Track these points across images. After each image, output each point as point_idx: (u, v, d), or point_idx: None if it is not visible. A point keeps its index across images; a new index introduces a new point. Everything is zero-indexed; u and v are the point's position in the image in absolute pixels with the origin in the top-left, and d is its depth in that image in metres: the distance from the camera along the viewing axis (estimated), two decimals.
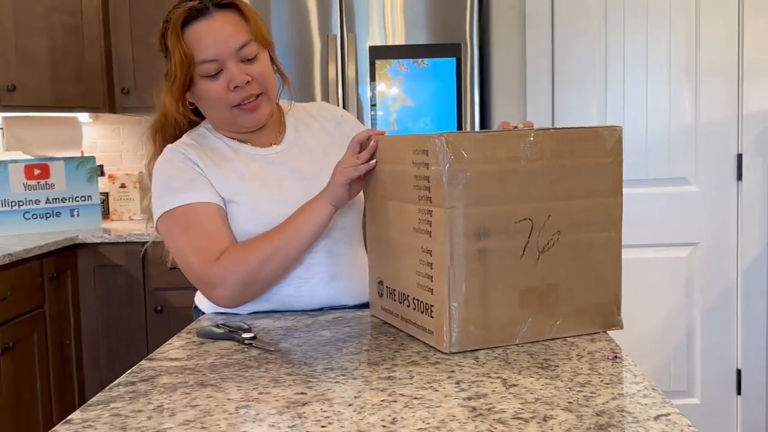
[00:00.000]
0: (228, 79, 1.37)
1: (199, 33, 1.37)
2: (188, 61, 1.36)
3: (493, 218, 1.13)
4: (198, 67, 1.36)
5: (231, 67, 1.37)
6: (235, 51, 1.38)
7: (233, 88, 1.37)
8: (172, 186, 1.39)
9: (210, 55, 1.36)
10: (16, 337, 2.55)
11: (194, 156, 1.42)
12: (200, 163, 1.41)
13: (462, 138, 1.11)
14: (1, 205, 3.06)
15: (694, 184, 2.81)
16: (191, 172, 1.40)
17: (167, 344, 1.25)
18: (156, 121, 1.52)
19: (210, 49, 1.36)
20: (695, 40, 2.75)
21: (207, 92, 1.39)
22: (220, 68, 1.37)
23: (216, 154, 1.44)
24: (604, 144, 1.22)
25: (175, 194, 1.39)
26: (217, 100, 1.39)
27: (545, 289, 1.19)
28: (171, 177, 1.40)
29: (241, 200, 1.41)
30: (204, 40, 1.36)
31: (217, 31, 1.37)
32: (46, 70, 3.10)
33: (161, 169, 1.42)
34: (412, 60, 2.72)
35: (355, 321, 1.36)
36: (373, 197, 1.35)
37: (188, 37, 1.37)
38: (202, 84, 1.38)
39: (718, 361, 2.85)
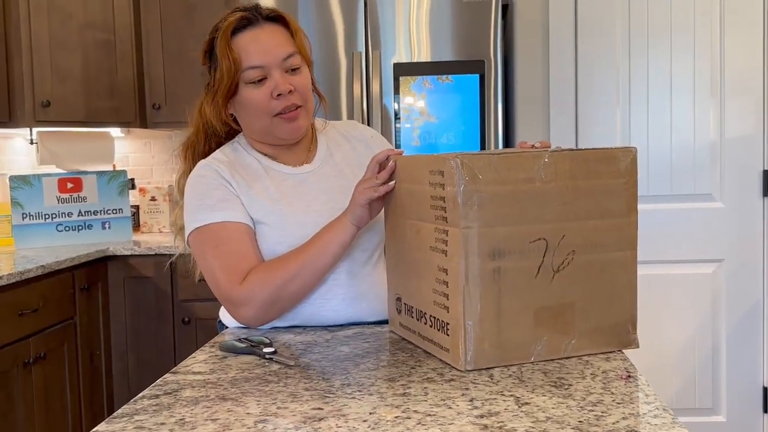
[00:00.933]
0: (272, 86, 1.41)
1: (247, 40, 1.42)
2: (235, 67, 1.40)
3: (507, 238, 1.16)
4: (244, 73, 1.41)
5: (275, 75, 1.42)
6: (280, 60, 1.42)
7: (276, 96, 1.41)
8: (205, 203, 1.43)
9: (256, 62, 1.41)
10: (47, 347, 2.61)
11: (227, 174, 1.45)
12: (233, 182, 1.45)
13: (477, 159, 1.13)
14: (35, 218, 3.14)
15: (719, 201, 2.80)
16: (224, 190, 1.44)
17: (191, 357, 1.28)
18: (188, 139, 1.57)
19: (257, 56, 1.41)
20: (720, 56, 2.75)
21: (250, 99, 1.42)
22: (264, 76, 1.41)
23: (248, 172, 1.48)
24: (619, 165, 1.24)
25: (207, 211, 1.43)
26: (259, 108, 1.42)
27: (560, 308, 1.21)
28: (204, 194, 1.44)
29: (270, 222, 1.44)
30: (251, 47, 1.41)
31: (264, 40, 1.42)
32: (79, 85, 3.18)
33: (194, 184, 1.46)
34: (436, 76, 2.75)
35: (374, 337, 1.39)
36: (392, 215, 1.38)
37: (236, 44, 1.41)
38: (246, 91, 1.42)
39: (744, 379, 2.83)
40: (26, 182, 3.13)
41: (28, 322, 2.50)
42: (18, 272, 2.43)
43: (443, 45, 2.76)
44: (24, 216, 3.12)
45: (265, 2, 2.84)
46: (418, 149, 2.77)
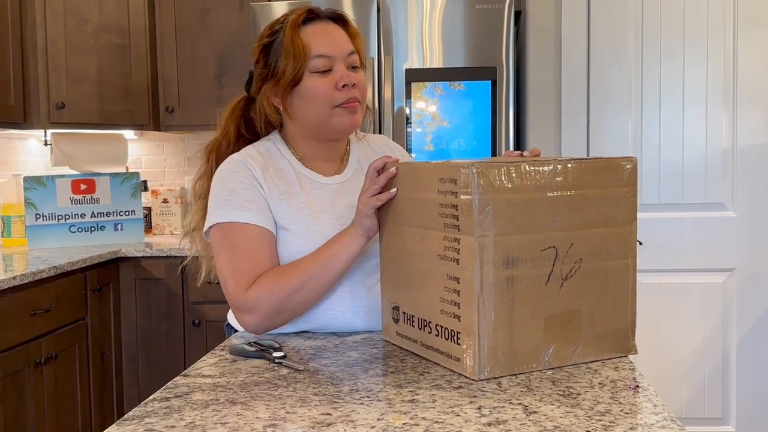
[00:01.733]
0: (337, 77, 1.43)
1: (315, 31, 1.44)
2: (304, 54, 1.41)
3: (520, 247, 1.16)
4: (311, 62, 1.42)
5: (341, 66, 1.44)
6: (345, 54, 1.45)
7: (341, 87, 1.43)
8: (232, 200, 1.44)
9: (324, 51, 1.43)
10: (59, 348, 2.63)
11: (259, 175, 1.46)
12: (264, 184, 1.46)
13: (492, 168, 1.14)
14: (48, 219, 3.17)
15: (730, 210, 2.79)
16: (253, 190, 1.45)
17: (201, 361, 1.29)
18: (213, 141, 1.57)
19: (325, 45, 1.43)
20: (733, 64, 2.74)
21: (314, 88, 1.43)
22: (329, 66, 1.43)
23: (279, 176, 1.49)
24: (622, 174, 1.25)
25: (233, 209, 1.43)
26: (323, 97, 1.43)
27: (568, 315, 1.22)
28: (233, 190, 1.45)
29: (294, 229, 1.45)
30: (320, 37, 1.44)
31: (332, 33, 1.46)
32: (94, 88, 3.21)
33: (224, 179, 1.47)
34: (448, 82, 2.76)
35: (383, 343, 1.39)
36: (389, 224, 1.37)
37: (305, 33, 1.44)
38: (311, 80, 1.43)
39: (754, 389, 2.82)
40: (40, 183, 3.16)
41: (40, 322, 2.52)
42: (31, 272, 2.45)
43: (455, 51, 2.76)
44: (37, 216, 3.15)
45: (282, 6, 2.86)
46: (431, 154, 2.78)
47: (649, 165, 2.80)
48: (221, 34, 3.35)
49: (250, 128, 1.58)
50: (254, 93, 1.52)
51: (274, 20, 1.50)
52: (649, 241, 2.79)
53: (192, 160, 3.78)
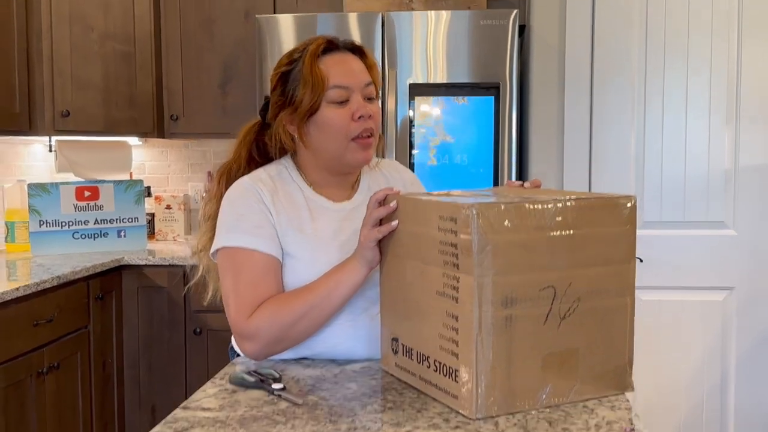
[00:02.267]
0: (354, 108, 1.45)
1: (334, 61, 1.46)
2: (322, 84, 1.43)
3: (519, 286, 1.17)
4: (328, 92, 1.44)
5: (358, 98, 1.46)
6: (363, 85, 1.47)
7: (357, 118, 1.45)
8: (240, 225, 1.45)
9: (342, 82, 1.45)
10: (61, 357, 2.65)
11: (268, 200, 1.47)
12: (273, 210, 1.47)
13: (492, 209, 1.14)
14: (52, 225, 3.19)
15: (731, 228, 2.80)
16: (261, 216, 1.46)
17: (201, 391, 1.31)
18: (224, 165, 1.59)
19: (343, 76, 1.45)
20: (736, 84, 2.74)
21: (331, 119, 1.45)
22: (347, 97, 1.45)
23: (288, 201, 1.50)
24: (622, 212, 1.25)
25: (241, 234, 1.44)
26: (339, 128, 1.45)
27: (566, 354, 1.22)
28: (242, 215, 1.46)
29: (301, 257, 1.46)
30: (338, 67, 1.46)
31: (350, 63, 1.48)
32: (99, 96, 3.22)
33: (234, 202, 1.48)
34: (452, 97, 2.77)
35: (381, 373, 1.40)
36: (390, 255, 1.38)
37: (323, 63, 1.45)
38: (328, 110, 1.45)
39: (752, 408, 2.82)
40: (44, 190, 3.17)
41: (42, 332, 2.54)
42: (34, 283, 2.47)
43: (459, 66, 2.77)
44: (41, 223, 3.16)
45: (287, 18, 2.86)
46: (434, 168, 2.79)
47: (651, 182, 2.81)
48: (226, 44, 3.35)
49: (262, 153, 1.59)
50: (270, 119, 1.53)
51: (293, 48, 1.51)
52: (649, 258, 2.79)
53: (196, 166, 3.80)
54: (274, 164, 1.56)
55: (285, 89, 1.48)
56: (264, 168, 1.55)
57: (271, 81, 1.53)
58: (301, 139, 1.49)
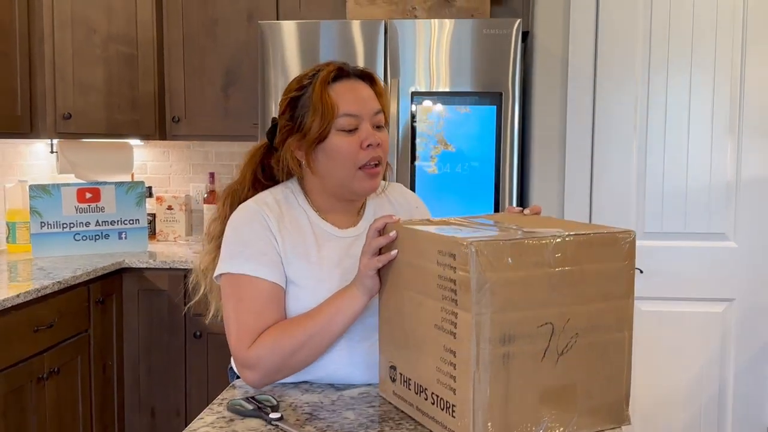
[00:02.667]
0: (363, 137, 1.45)
1: (344, 89, 1.46)
2: (332, 112, 1.43)
3: (517, 324, 1.17)
4: (338, 120, 1.44)
5: (367, 126, 1.46)
6: (372, 114, 1.47)
7: (366, 147, 1.44)
8: (245, 252, 1.45)
9: (352, 110, 1.44)
10: (61, 362, 2.66)
11: (274, 226, 1.47)
12: (278, 237, 1.46)
13: (491, 246, 1.14)
14: (53, 227, 3.19)
15: (732, 240, 2.80)
16: (267, 243, 1.46)
17: (199, 419, 1.31)
18: (230, 186, 1.60)
19: (353, 104, 1.45)
20: (740, 97, 2.73)
21: (340, 146, 1.44)
22: (356, 125, 1.45)
23: (294, 228, 1.49)
24: (621, 247, 1.25)
25: (245, 261, 1.44)
26: (347, 156, 1.45)
27: (563, 389, 1.23)
28: (246, 241, 1.46)
29: (304, 285, 1.46)
30: (348, 95, 1.45)
31: (360, 91, 1.48)
32: (101, 98, 3.22)
33: (239, 227, 1.48)
34: (454, 106, 2.76)
35: (379, 400, 1.41)
36: (389, 284, 1.38)
37: (334, 90, 1.45)
38: (336, 138, 1.44)
39: (749, 419, 2.83)
40: (45, 191, 3.17)
41: (43, 337, 2.55)
42: (34, 289, 2.47)
43: (462, 75, 2.76)
44: (42, 225, 3.17)
45: (290, 25, 2.85)
46: (436, 177, 2.79)
47: (653, 193, 2.80)
48: (229, 47, 3.35)
49: (268, 175, 1.59)
50: (278, 144, 1.53)
51: (303, 74, 1.51)
52: (649, 269, 2.79)
53: (197, 167, 3.80)
54: (280, 187, 1.56)
55: (294, 114, 1.48)
56: (270, 191, 1.55)
57: (280, 105, 1.52)
58: (308, 165, 1.48)
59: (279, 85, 2.87)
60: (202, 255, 1.60)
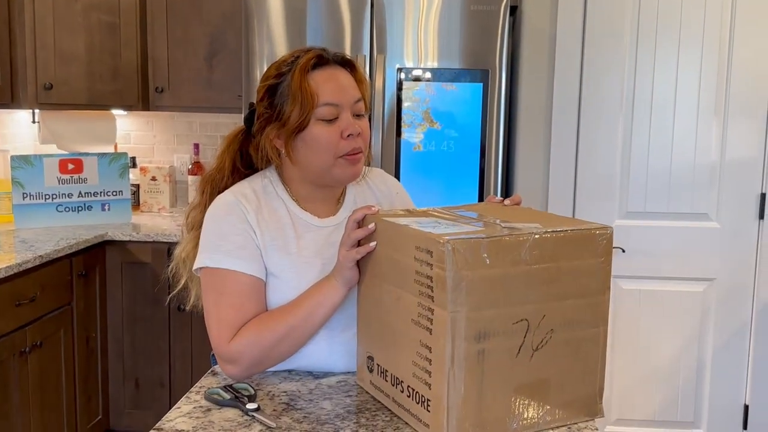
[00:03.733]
0: (343, 126, 1.42)
1: (324, 77, 1.43)
2: (312, 102, 1.41)
3: (493, 321, 1.17)
4: (318, 109, 1.41)
5: (347, 115, 1.43)
6: (352, 102, 1.44)
7: (346, 136, 1.43)
8: (223, 246, 1.43)
9: (333, 99, 1.42)
10: (44, 335, 2.66)
11: (253, 220, 1.45)
12: (257, 230, 1.45)
13: (468, 244, 1.14)
14: (36, 198, 3.17)
15: (715, 221, 2.81)
16: (245, 236, 1.44)
17: (176, 409, 1.32)
18: (209, 172, 1.57)
19: (333, 94, 1.42)
20: (726, 78, 2.73)
21: (320, 136, 1.42)
22: (336, 115, 1.43)
23: (273, 219, 1.48)
24: (598, 244, 1.25)
25: (224, 255, 1.43)
26: (327, 146, 1.43)
27: (537, 384, 1.24)
28: (224, 235, 1.44)
29: (284, 276, 1.45)
30: (328, 84, 1.43)
31: (340, 80, 1.44)
32: (82, 68, 3.17)
33: (217, 221, 1.46)
34: (440, 83, 2.74)
35: (357, 389, 1.42)
36: (368, 275, 1.37)
37: (313, 79, 1.42)
38: (317, 128, 1.42)
39: (726, 396, 2.88)
40: (27, 162, 3.14)
41: (25, 311, 2.54)
42: (16, 264, 2.46)
43: (449, 52, 2.73)
44: (24, 196, 3.14)
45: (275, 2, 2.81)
46: (421, 155, 2.77)
47: (637, 172, 2.81)
48: (213, 16, 3.29)
49: (246, 162, 1.57)
50: (256, 132, 1.50)
51: (281, 60, 1.48)
52: (631, 249, 2.81)
53: (181, 137, 3.76)
54: (258, 176, 1.54)
55: (273, 102, 1.45)
56: (248, 181, 1.53)
57: (258, 92, 1.49)
58: (288, 154, 1.46)
59: (264, 56, 2.83)
60: (183, 244, 1.58)
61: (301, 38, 2.79)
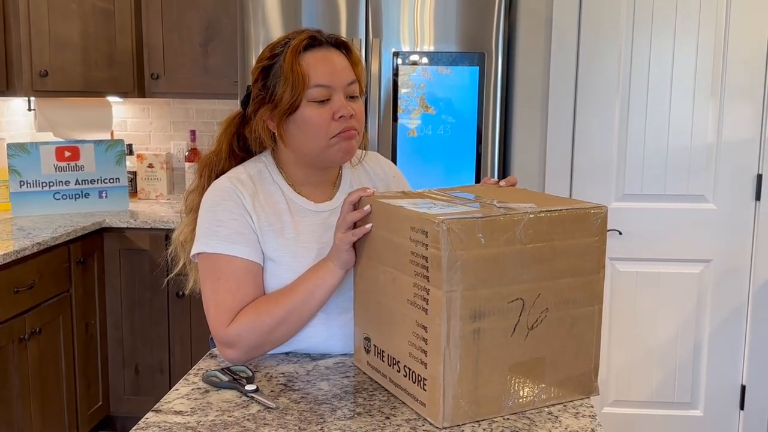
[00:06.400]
0: (335, 108, 1.42)
1: (316, 59, 1.43)
2: (303, 83, 1.40)
3: (488, 300, 1.18)
4: (309, 91, 1.41)
5: (339, 97, 1.43)
6: (345, 84, 1.44)
7: (338, 118, 1.42)
8: (220, 231, 1.43)
9: (324, 81, 1.41)
10: (42, 322, 2.67)
11: (249, 205, 1.45)
12: (253, 215, 1.45)
13: (462, 224, 1.14)
14: (32, 185, 3.17)
15: (711, 202, 2.81)
16: (242, 221, 1.44)
17: (174, 391, 1.33)
18: (208, 156, 1.57)
19: (324, 75, 1.42)
20: (723, 59, 2.72)
21: (311, 118, 1.42)
22: (328, 96, 1.42)
23: (269, 203, 1.48)
24: (592, 223, 1.26)
25: (220, 241, 1.43)
26: (318, 127, 1.42)
27: (532, 362, 1.25)
28: (221, 221, 1.44)
29: (281, 261, 1.45)
30: (320, 66, 1.42)
31: (333, 61, 1.44)
32: (78, 54, 3.16)
33: (214, 207, 1.46)
34: (435, 67, 2.74)
35: (354, 370, 1.43)
36: (364, 257, 1.38)
37: (305, 60, 1.42)
38: (308, 109, 1.42)
39: (723, 376, 2.89)
40: (24, 150, 3.14)
41: (23, 298, 2.55)
42: (14, 251, 2.46)
43: (446, 36, 2.73)
44: (21, 183, 3.14)
45: None
46: (417, 139, 2.77)
47: (633, 154, 2.81)
48: (208, 1, 3.28)
49: (244, 146, 1.57)
50: (250, 114, 1.50)
51: (275, 41, 1.47)
52: (628, 231, 2.82)
53: (178, 124, 3.76)
54: (253, 161, 1.54)
55: (266, 84, 1.45)
56: (244, 166, 1.53)
57: (252, 74, 1.49)
58: (281, 136, 1.46)
59: (260, 41, 2.82)
60: (181, 227, 1.59)
61: (297, 22, 2.78)
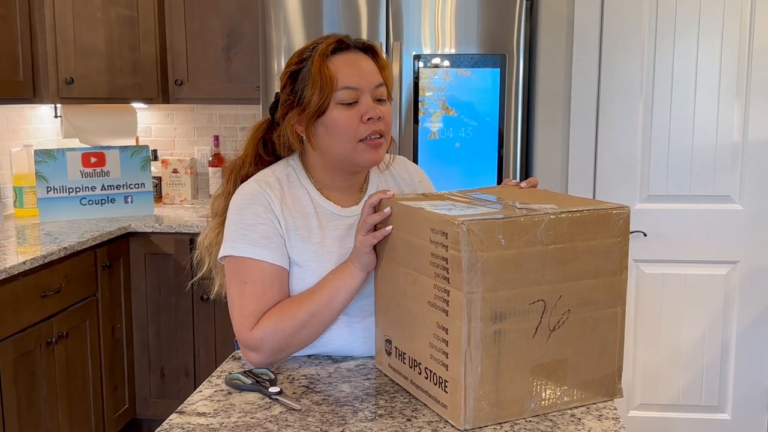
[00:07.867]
0: (363, 110, 1.42)
1: (344, 62, 1.44)
2: (331, 85, 1.41)
3: (509, 301, 1.18)
4: (337, 93, 1.42)
5: (367, 100, 1.43)
6: (373, 87, 1.44)
7: (366, 120, 1.42)
8: (248, 235, 1.44)
9: (352, 83, 1.42)
10: (69, 326, 2.70)
11: (277, 208, 1.46)
12: (281, 219, 1.46)
13: (482, 225, 1.14)
14: (59, 191, 3.21)
15: (737, 203, 2.78)
16: (270, 226, 1.45)
17: (198, 392, 1.34)
18: (235, 161, 1.59)
19: (352, 77, 1.43)
20: (748, 58, 2.69)
21: (339, 120, 1.42)
22: (356, 99, 1.43)
23: (297, 208, 1.49)
24: (615, 224, 1.25)
25: (248, 245, 1.44)
26: (347, 130, 1.43)
27: (554, 364, 1.24)
28: (249, 225, 1.45)
29: (307, 266, 1.46)
30: (348, 68, 1.43)
31: (361, 64, 1.45)
32: (102, 62, 3.21)
33: (242, 210, 1.47)
34: (455, 69, 2.73)
35: (375, 372, 1.43)
36: (385, 259, 1.38)
37: (333, 63, 1.43)
38: (336, 111, 1.43)
39: (751, 379, 2.85)
40: (50, 156, 3.19)
41: (51, 303, 2.58)
42: (41, 256, 2.50)
43: (467, 38, 2.72)
44: (48, 189, 3.19)
45: None
46: (436, 142, 2.77)
47: (658, 155, 2.78)
48: (230, 8, 3.31)
49: (270, 151, 1.58)
50: (278, 118, 1.51)
51: (303, 47, 1.49)
52: (654, 232, 2.79)
53: (202, 129, 3.79)
54: (282, 164, 1.55)
55: (294, 88, 1.46)
56: (272, 168, 1.54)
57: (281, 79, 1.50)
58: (309, 140, 1.47)
59: (282, 46, 2.84)
60: (207, 231, 1.60)
61: (318, 27, 2.79)
